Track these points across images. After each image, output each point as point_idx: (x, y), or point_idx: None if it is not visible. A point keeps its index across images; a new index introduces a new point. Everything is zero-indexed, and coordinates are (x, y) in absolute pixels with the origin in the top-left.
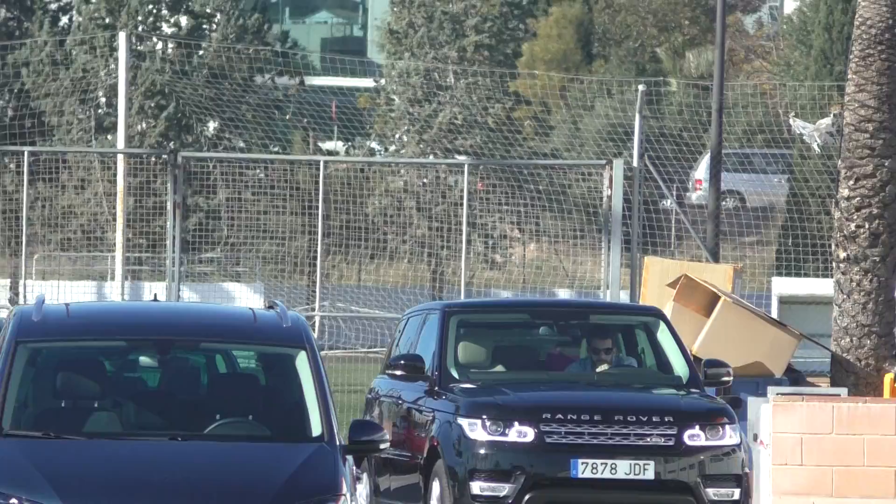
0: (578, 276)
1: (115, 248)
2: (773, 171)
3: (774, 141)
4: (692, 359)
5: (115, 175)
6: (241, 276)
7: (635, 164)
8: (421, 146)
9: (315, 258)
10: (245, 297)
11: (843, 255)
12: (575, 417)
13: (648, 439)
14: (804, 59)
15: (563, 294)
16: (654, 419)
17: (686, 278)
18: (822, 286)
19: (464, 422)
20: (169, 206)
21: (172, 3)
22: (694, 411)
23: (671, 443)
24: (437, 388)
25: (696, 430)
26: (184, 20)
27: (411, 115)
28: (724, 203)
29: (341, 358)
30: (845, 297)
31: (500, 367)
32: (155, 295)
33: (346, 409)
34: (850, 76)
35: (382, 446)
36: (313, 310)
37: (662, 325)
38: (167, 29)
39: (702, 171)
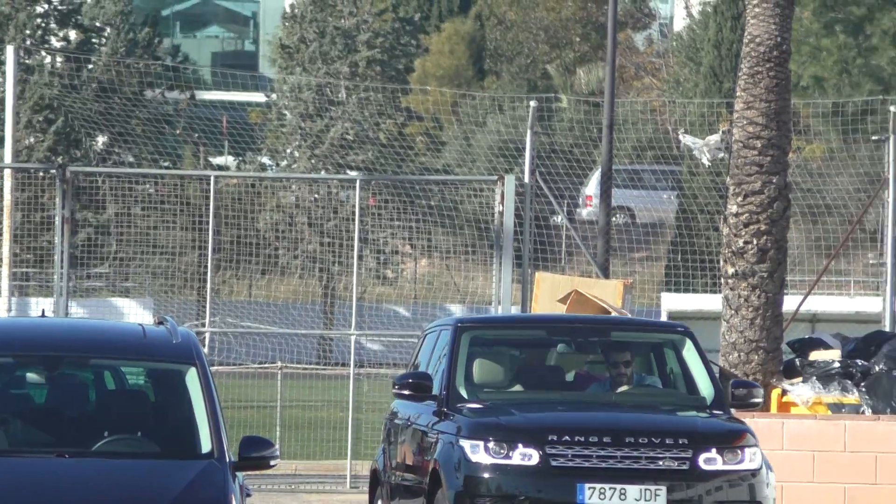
0: (470, 291)
1: (2, 263)
2: (663, 188)
3: (664, 157)
4: (719, 379)
5: (1, 190)
6: (131, 292)
7: (527, 179)
8: (312, 161)
9: (205, 273)
10: (134, 313)
11: (731, 270)
12: (582, 439)
13: (661, 462)
14: (693, 76)
15: (455, 310)
16: (667, 441)
17: (576, 294)
18: (710, 302)
19: (465, 443)
20: (57, 221)
21: (61, 16)
22: (710, 433)
23: (685, 466)
24: (445, 408)
25: (713, 453)
26: (73, 34)
27: (303, 130)
28: (614, 219)
29: (232, 374)
30: (733, 312)
31: (518, 387)
32: (43, 311)
33: (236, 425)
34: (738, 93)
35: (273, 462)
36: (203, 325)
37: (689, 343)
38: (56, 43)
39: (592, 186)
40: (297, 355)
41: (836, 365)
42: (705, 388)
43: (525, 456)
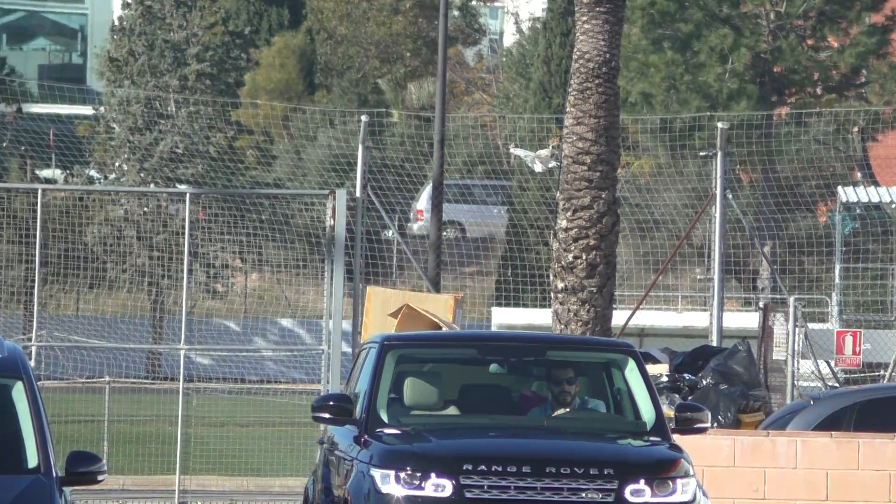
0: (301, 305)
1: None
2: (493, 202)
3: (494, 172)
4: (659, 402)
5: None
6: None
7: (358, 194)
8: (142, 175)
9: (32, 287)
10: None
11: (560, 285)
12: (500, 469)
13: (583, 495)
14: (523, 92)
15: (286, 323)
16: (591, 472)
17: (408, 308)
18: (540, 316)
19: (376, 473)
20: None
21: None
22: (640, 462)
23: (609, 499)
24: (364, 433)
25: (641, 484)
26: None
27: (132, 144)
28: (444, 233)
29: (59, 388)
30: (563, 327)
31: (452, 410)
32: None
33: (63, 440)
34: (568, 109)
35: (100, 477)
36: (30, 339)
37: (631, 364)
38: None
39: (423, 201)
40: (126, 369)
41: (664, 379)
42: (646, 411)
43: (438, 487)
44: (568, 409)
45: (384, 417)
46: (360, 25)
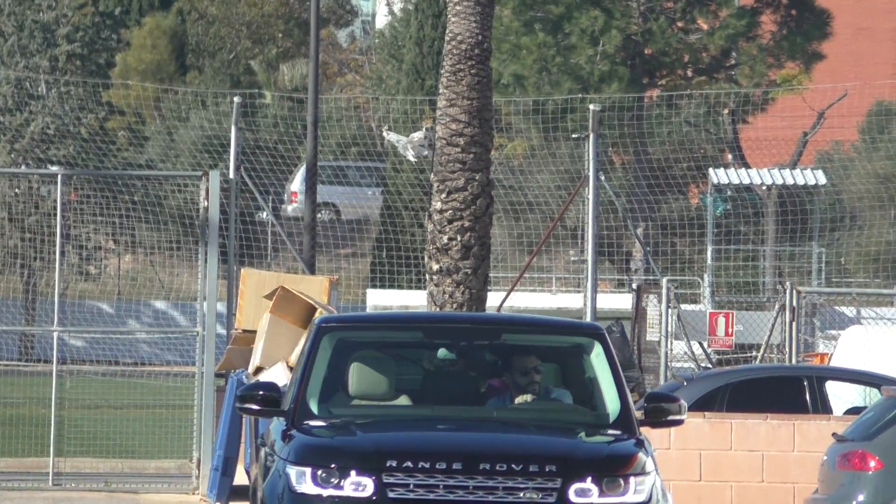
0: (175, 287)
1: None
2: (368, 184)
3: (368, 154)
4: (627, 391)
5: None
6: None
7: (231, 175)
8: (12, 156)
9: None
10: None
11: (435, 267)
12: (427, 466)
13: (521, 495)
14: (396, 74)
15: (160, 306)
16: (530, 469)
17: (282, 290)
18: (415, 298)
19: (291, 471)
20: None
21: None
22: (587, 459)
23: (551, 499)
24: (292, 426)
25: (588, 483)
26: None
27: (2, 125)
28: (319, 215)
29: None
30: (438, 308)
31: (402, 401)
32: None
33: None
34: (441, 91)
35: None
36: None
37: (598, 348)
38: None
39: (297, 183)
40: None
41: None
42: (611, 401)
43: (358, 486)
44: (529, 400)
45: (314, 409)
46: (231, 6)
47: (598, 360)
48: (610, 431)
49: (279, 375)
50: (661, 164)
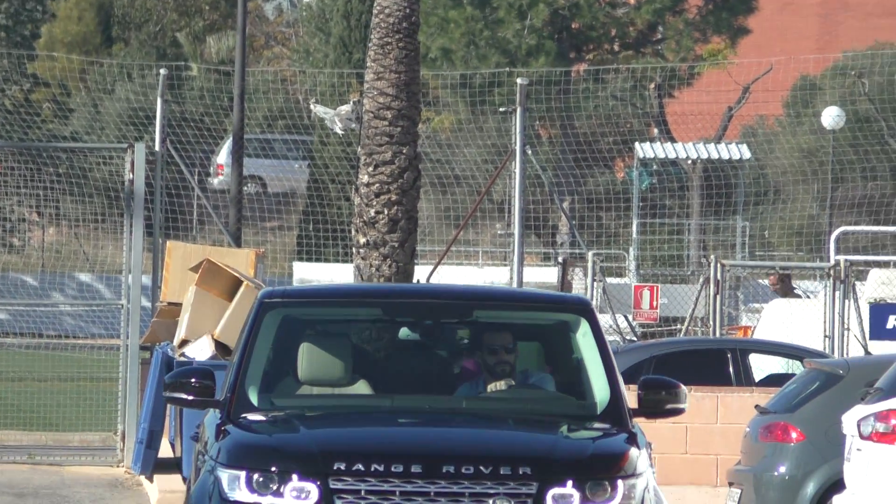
0: (100, 260)
1: None
2: (294, 157)
3: (295, 127)
4: (618, 376)
5: None
6: None
7: (157, 148)
8: None
9: None
10: None
11: (362, 240)
12: (381, 469)
13: (490, 502)
14: (324, 47)
15: (84, 278)
16: (501, 471)
17: (208, 263)
18: (342, 271)
19: (223, 474)
20: None
21: None
22: (569, 459)
23: None
24: (228, 420)
25: (568, 487)
26: None
27: None
28: (245, 188)
29: None
30: (365, 282)
31: (360, 388)
32: None
33: None
34: (369, 64)
35: None
36: None
37: (584, 326)
38: None
39: (224, 155)
40: None
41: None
42: (599, 389)
43: (301, 493)
44: (504, 387)
45: (253, 399)
46: None
47: (584, 340)
48: (597, 425)
49: (204, 348)
50: (587, 139)
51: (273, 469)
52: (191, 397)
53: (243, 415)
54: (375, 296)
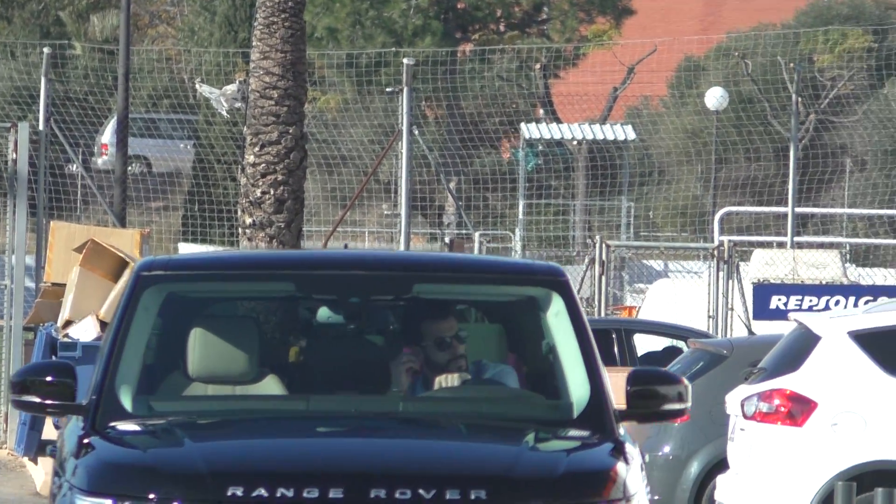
0: None
1: None
2: (180, 137)
3: (180, 106)
4: (600, 368)
5: None
6: None
7: (41, 127)
8: None
9: None
10: None
11: (248, 220)
12: (291, 495)
13: None
14: (209, 26)
15: None
16: (447, 496)
17: (93, 243)
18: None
19: (81, 502)
20: None
21: None
22: (534, 478)
23: None
24: (92, 430)
25: None
26: None
27: None
28: (130, 168)
29: None
30: None
31: (269, 387)
32: None
33: None
34: (255, 43)
35: None
36: None
37: (558, 303)
38: None
39: (108, 135)
40: None
41: None
42: (576, 384)
43: None
44: (455, 383)
45: (126, 403)
46: None
47: (557, 321)
48: (573, 432)
49: (89, 329)
50: (473, 119)
51: (150, 496)
52: (45, 401)
53: (112, 423)
54: (286, 266)
